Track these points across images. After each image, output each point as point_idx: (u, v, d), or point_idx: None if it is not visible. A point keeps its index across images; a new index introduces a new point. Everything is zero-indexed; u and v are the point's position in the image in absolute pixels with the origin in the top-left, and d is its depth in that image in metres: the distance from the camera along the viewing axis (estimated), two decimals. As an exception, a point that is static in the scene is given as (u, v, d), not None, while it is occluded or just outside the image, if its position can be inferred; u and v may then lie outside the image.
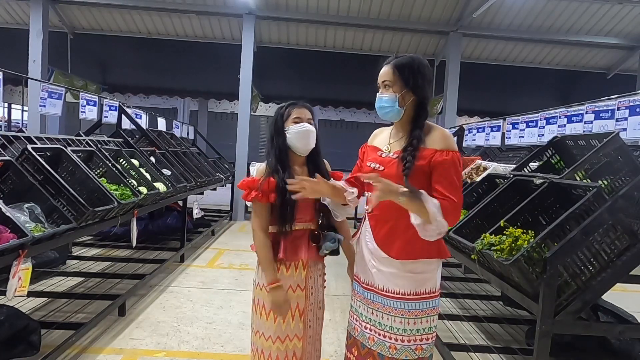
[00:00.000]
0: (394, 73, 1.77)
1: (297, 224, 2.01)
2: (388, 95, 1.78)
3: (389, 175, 1.74)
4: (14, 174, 2.84)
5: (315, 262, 2.08)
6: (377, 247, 1.81)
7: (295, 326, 2.02)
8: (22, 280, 2.36)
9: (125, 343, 3.37)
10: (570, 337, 3.06)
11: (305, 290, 2.03)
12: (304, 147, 2.03)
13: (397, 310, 1.78)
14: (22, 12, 10.46)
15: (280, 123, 2.04)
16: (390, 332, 1.79)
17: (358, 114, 17.64)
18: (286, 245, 2.00)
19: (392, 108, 1.79)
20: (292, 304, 2.01)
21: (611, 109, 3.72)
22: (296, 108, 2.04)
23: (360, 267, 1.92)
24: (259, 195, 1.97)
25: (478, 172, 4.06)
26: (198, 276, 5.15)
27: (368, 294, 1.87)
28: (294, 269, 2.01)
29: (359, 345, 1.89)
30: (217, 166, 9.04)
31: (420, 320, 1.80)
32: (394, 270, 1.78)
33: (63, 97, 5.30)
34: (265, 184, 1.98)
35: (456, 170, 1.74)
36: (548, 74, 11.52)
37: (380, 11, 9.49)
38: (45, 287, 4.32)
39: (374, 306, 1.84)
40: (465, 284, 5.11)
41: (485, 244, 2.48)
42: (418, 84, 1.77)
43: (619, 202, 2.14)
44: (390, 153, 1.83)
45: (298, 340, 2.02)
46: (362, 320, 1.89)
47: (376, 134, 2.01)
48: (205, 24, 10.42)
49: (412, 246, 1.75)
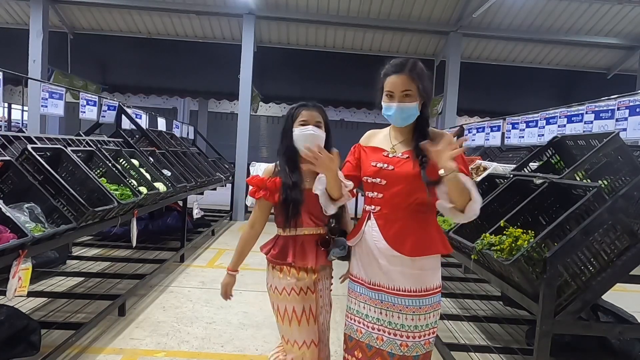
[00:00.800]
0: (413, 81, 1.79)
1: (306, 228, 2.01)
2: (411, 104, 1.81)
3: (402, 173, 1.79)
4: (14, 174, 2.84)
5: (324, 266, 2.07)
6: (388, 245, 1.81)
7: (312, 329, 2.01)
8: (22, 280, 2.36)
9: (125, 343, 3.37)
10: (570, 337, 3.06)
11: (316, 293, 2.02)
12: None
13: (408, 308, 1.80)
14: (22, 12, 10.46)
15: (289, 124, 2.04)
16: (402, 330, 1.80)
17: (358, 114, 17.63)
18: (295, 249, 2.00)
19: (413, 115, 1.83)
20: (306, 306, 2.00)
21: (611, 109, 3.72)
22: (305, 110, 2.03)
23: (364, 268, 1.90)
24: (267, 194, 2.00)
25: (478, 172, 4.06)
26: (198, 276, 5.15)
27: (375, 294, 1.86)
28: (304, 272, 2.00)
29: (364, 346, 1.87)
30: (217, 166, 9.04)
31: (429, 315, 1.83)
32: (404, 268, 1.80)
33: (63, 97, 5.30)
34: (272, 183, 2.00)
35: (466, 167, 1.78)
36: (548, 74, 11.52)
37: (380, 11, 9.49)
38: (45, 287, 4.32)
39: (383, 306, 1.84)
40: (465, 284, 5.11)
41: (485, 244, 2.48)
42: (428, 88, 1.83)
43: (619, 202, 2.14)
44: (397, 154, 1.85)
45: (315, 346, 2.01)
46: (368, 322, 1.87)
47: (371, 136, 2.01)
48: (205, 24, 10.42)
49: (423, 242, 1.80)
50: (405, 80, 1.80)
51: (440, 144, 1.62)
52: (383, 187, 1.83)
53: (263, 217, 2.09)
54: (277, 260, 2.02)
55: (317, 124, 2.02)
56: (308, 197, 1.98)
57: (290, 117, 2.05)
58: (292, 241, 2.01)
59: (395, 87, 1.81)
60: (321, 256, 2.01)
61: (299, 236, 2.02)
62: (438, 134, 1.83)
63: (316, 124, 2.02)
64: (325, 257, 2.02)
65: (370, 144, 1.97)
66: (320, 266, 2.03)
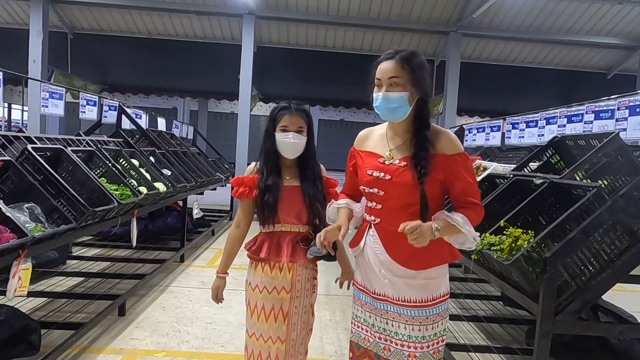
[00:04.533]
0: (402, 68, 1.62)
1: (283, 225, 2.01)
2: (398, 93, 1.62)
3: (400, 184, 1.66)
4: (14, 174, 2.84)
5: (305, 266, 2.04)
6: (392, 260, 1.72)
7: (278, 328, 2.00)
8: (22, 280, 2.36)
9: (125, 343, 3.37)
10: (570, 337, 3.06)
11: (291, 292, 2.01)
12: (289, 155, 2.02)
13: (414, 319, 1.72)
14: (22, 12, 10.46)
15: (271, 127, 2.04)
16: (409, 340, 1.73)
17: (358, 114, 17.65)
18: (270, 245, 2.01)
19: (402, 108, 1.64)
20: (275, 305, 2.00)
21: (611, 109, 3.73)
22: (287, 115, 2.00)
23: (368, 278, 1.81)
24: (246, 191, 2.02)
25: (478, 172, 4.06)
26: (198, 276, 5.15)
27: (380, 304, 1.78)
28: (278, 270, 2.00)
29: (373, 355, 1.82)
30: (217, 166, 9.04)
31: (437, 324, 1.75)
32: (409, 279, 1.72)
33: (63, 97, 5.31)
34: (250, 181, 2.02)
35: (470, 171, 1.71)
36: (548, 74, 11.52)
37: (380, 11, 9.48)
38: (45, 287, 4.32)
39: (389, 316, 1.76)
40: (465, 284, 5.11)
41: (485, 244, 2.48)
42: (425, 80, 1.65)
43: (619, 202, 2.14)
44: (395, 160, 1.69)
45: (281, 343, 2.01)
46: (375, 331, 1.80)
47: (364, 137, 1.86)
48: (205, 24, 10.42)
49: (429, 254, 1.68)
50: (394, 67, 1.63)
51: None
52: (381, 197, 1.71)
53: (246, 215, 2.10)
54: (254, 255, 2.04)
55: (299, 129, 2.00)
56: (288, 194, 1.99)
57: (273, 119, 2.04)
58: (268, 237, 2.03)
59: (383, 73, 1.65)
60: (298, 254, 2.00)
61: (275, 232, 2.02)
62: (438, 134, 1.70)
63: (298, 130, 1.99)
64: (304, 256, 2.00)
65: (364, 147, 1.83)
66: (299, 266, 2.02)
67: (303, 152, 2.04)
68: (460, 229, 1.60)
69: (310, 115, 2.10)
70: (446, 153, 1.66)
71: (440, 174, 1.66)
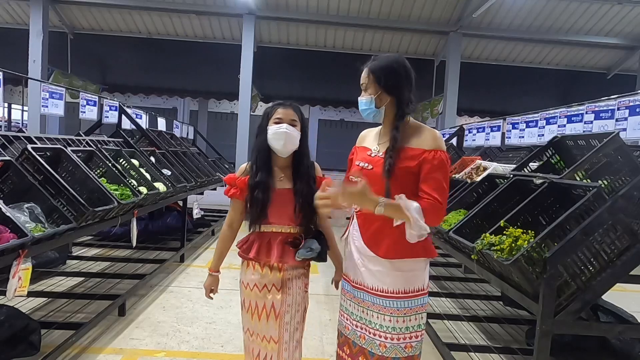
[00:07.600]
0: (368, 76, 1.82)
1: (274, 226, 2.02)
2: (365, 98, 1.83)
3: (377, 174, 1.77)
4: (14, 174, 2.84)
5: (295, 266, 2.04)
6: (365, 245, 1.82)
7: (271, 327, 2.00)
8: (22, 280, 2.36)
9: (125, 343, 3.37)
10: (570, 337, 3.06)
11: (282, 290, 2.02)
12: (282, 148, 2.00)
13: (386, 309, 1.79)
14: (22, 12, 10.47)
15: (265, 122, 2.04)
16: (380, 330, 1.79)
17: (358, 114, 17.59)
18: (260, 245, 2.01)
19: (370, 109, 1.83)
20: (267, 303, 2.01)
21: (611, 109, 3.73)
22: (280, 108, 2.02)
23: (349, 266, 1.92)
24: (237, 192, 2.03)
25: (478, 172, 4.06)
26: (198, 276, 5.14)
27: (358, 292, 1.87)
28: (269, 269, 2.01)
29: (350, 343, 1.90)
30: (217, 166, 9.03)
31: (409, 318, 1.80)
32: (382, 268, 1.79)
33: (63, 97, 5.31)
34: (241, 181, 2.02)
35: (444, 171, 1.75)
36: (548, 74, 11.53)
37: (380, 11, 9.49)
38: (45, 287, 4.32)
39: (364, 305, 1.84)
40: (465, 284, 5.11)
41: (485, 244, 2.48)
42: (393, 84, 1.79)
43: (619, 202, 2.14)
44: (379, 153, 1.84)
45: (274, 343, 2.01)
46: (353, 319, 1.89)
47: (364, 136, 2.01)
48: (205, 24, 10.43)
49: (399, 245, 1.75)
50: (363, 74, 1.84)
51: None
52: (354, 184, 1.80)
53: (237, 215, 2.10)
54: (244, 254, 2.05)
55: (292, 122, 2.01)
56: (279, 196, 1.99)
57: (266, 115, 2.05)
58: (259, 237, 2.03)
59: (361, 80, 1.86)
60: (288, 255, 2.00)
61: (265, 233, 2.02)
62: (419, 130, 1.81)
63: (291, 122, 2.01)
64: (293, 257, 2.00)
65: (362, 143, 1.98)
66: (289, 265, 2.02)
67: (297, 150, 2.04)
68: (405, 212, 1.63)
69: (303, 114, 2.11)
70: (424, 148, 1.76)
71: (415, 167, 1.74)
